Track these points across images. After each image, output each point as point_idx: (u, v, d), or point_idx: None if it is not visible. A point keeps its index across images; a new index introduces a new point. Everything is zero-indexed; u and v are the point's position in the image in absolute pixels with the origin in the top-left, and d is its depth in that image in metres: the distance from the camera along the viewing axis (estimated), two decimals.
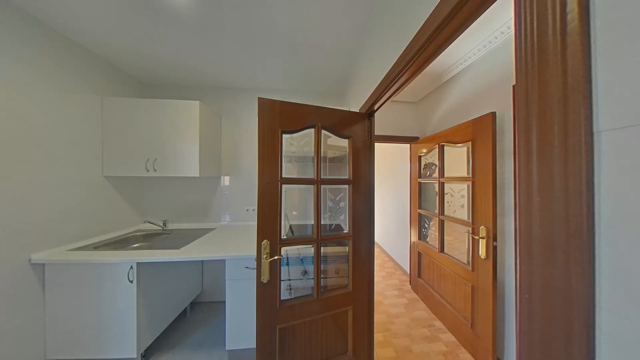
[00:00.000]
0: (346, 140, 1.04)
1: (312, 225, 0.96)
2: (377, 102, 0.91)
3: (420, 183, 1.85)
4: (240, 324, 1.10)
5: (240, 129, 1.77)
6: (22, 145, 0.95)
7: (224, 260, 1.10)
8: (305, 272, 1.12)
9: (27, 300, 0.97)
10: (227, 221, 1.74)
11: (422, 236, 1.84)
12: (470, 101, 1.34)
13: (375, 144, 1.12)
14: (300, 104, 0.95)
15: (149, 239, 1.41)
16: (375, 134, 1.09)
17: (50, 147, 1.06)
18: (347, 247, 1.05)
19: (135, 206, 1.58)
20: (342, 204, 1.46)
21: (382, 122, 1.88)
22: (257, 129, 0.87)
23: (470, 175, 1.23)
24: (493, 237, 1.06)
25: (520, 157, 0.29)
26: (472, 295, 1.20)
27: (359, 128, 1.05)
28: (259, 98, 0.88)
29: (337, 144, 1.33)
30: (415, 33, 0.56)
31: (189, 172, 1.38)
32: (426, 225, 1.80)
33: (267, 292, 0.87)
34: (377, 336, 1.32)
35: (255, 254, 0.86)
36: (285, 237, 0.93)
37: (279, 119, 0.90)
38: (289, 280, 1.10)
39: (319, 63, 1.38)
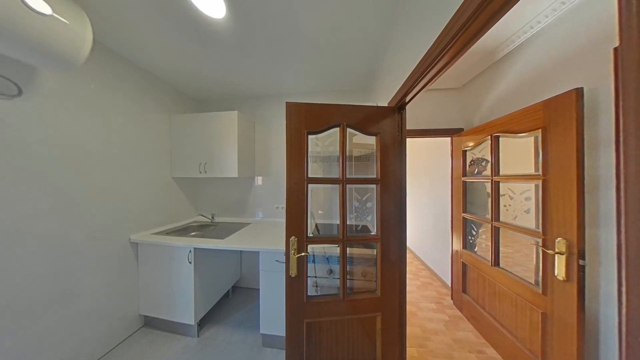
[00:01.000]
0: (373, 138, 0.98)
1: (338, 225, 0.95)
2: (409, 93, 0.83)
3: (465, 182, 1.58)
4: (272, 311, 1.20)
5: (270, 133, 1.91)
6: (124, 155, 1.31)
7: (258, 252, 1.21)
8: (331, 271, 1.13)
9: (129, 269, 1.32)
10: (260, 217, 1.92)
11: (467, 245, 1.56)
12: (538, 78, 1.05)
13: (408, 139, 1.02)
14: (324, 104, 0.95)
15: (202, 229, 1.70)
16: (408, 128, 0.99)
17: (139, 155, 1.41)
18: (375, 250, 1.00)
19: (192, 201, 1.93)
20: (369, 205, 1.39)
21: (416, 114, 1.69)
22: (285, 132, 0.92)
23: (540, 173, 0.96)
24: (578, 254, 0.80)
25: (628, 147, 0.20)
26: (542, 324, 0.94)
27: (387, 124, 0.97)
28: (286, 103, 0.93)
29: (363, 142, 1.28)
30: (459, 4, 0.47)
31: (229, 173, 1.59)
32: (473, 232, 1.52)
33: (295, 286, 0.91)
34: (410, 350, 1.20)
35: (284, 249, 0.92)
36: (311, 235, 0.95)
37: (304, 120, 0.93)
38: (316, 277, 1.12)
39: (344, 60, 1.35)
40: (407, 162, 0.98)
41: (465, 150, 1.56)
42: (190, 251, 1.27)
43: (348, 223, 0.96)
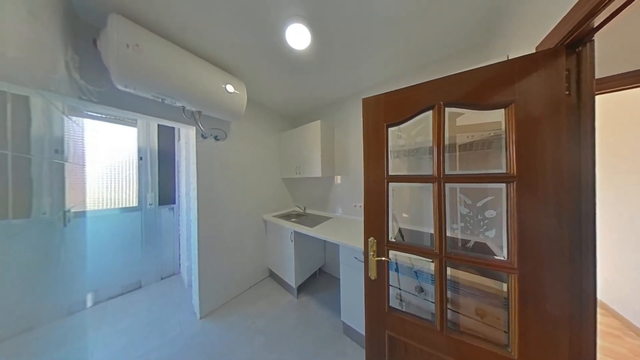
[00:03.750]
0: (498, 112, 0.63)
1: (432, 234, 0.74)
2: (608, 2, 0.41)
3: None
4: (352, 303, 1.22)
5: (347, 134, 1.96)
6: (258, 165, 2.04)
7: (338, 245, 1.30)
8: (421, 290, 0.90)
9: (262, 236, 2.03)
10: (340, 213, 2.04)
11: None
12: None
13: (600, 96, 0.52)
14: (408, 87, 0.78)
15: (298, 217, 2.16)
16: (598, 76, 0.50)
17: (264, 164, 2.12)
18: (506, 285, 0.64)
19: (292, 195, 2.53)
20: (489, 213, 0.93)
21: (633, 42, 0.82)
22: (362, 130, 0.88)
23: None
24: None
25: None
26: None
27: (534, 82, 0.57)
28: (363, 99, 0.89)
29: (475, 122, 0.88)
30: None
31: (315, 173, 1.86)
32: None
33: (374, 289, 0.85)
34: None
35: (363, 248, 0.89)
36: (393, 240, 0.83)
37: (383, 113, 0.83)
38: (400, 289, 0.96)
39: (437, 21, 1.01)
40: (595, 141, 0.51)
41: None
42: (291, 232, 1.69)
43: (449, 235, 0.71)
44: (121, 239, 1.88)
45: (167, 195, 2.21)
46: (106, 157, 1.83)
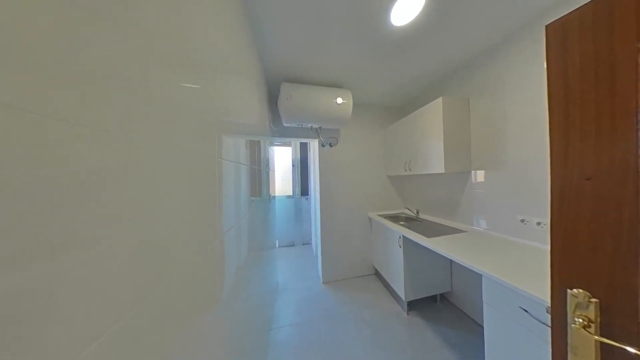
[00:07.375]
0: None
1: None
2: None
3: None
4: None
5: (496, 104, 1.20)
6: (363, 163, 2.11)
7: (479, 274, 0.87)
8: None
9: (367, 233, 2.09)
10: (483, 227, 1.33)
11: None
12: None
13: None
14: None
15: (408, 221, 1.84)
16: None
17: (367, 161, 2.13)
18: None
19: (400, 195, 2.23)
20: None
21: None
22: (547, 80, 0.48)
23: None
24: None
25: None
26: None
27: None
28: (548, 26, 0.48)
29: None
30: None
31: (435, 169, 1.43)
32: None
33: None
34: None
35: (550, 301, 0.49)
36: None
37: (636, 20, 0.36)
38: None
39: None
40: None
41: None
42: (399, 237, 1.50)
43: None
44: (285, 213, 3.22)
45: (305, 189, 3.30)
46: (279, 166, 3.24)
